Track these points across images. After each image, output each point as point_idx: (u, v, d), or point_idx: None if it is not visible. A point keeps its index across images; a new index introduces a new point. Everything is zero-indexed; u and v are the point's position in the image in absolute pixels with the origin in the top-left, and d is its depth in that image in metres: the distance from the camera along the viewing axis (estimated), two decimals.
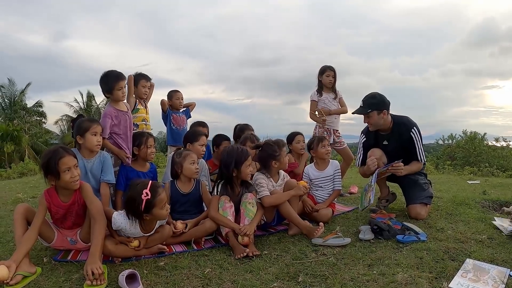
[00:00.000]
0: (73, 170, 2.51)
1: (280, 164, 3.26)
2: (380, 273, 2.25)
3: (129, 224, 2.60)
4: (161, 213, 2.59)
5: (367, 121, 3.62)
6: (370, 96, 3.57)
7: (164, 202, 2.59)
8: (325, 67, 4.80)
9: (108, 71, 3.48)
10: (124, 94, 3.51)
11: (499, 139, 20.02)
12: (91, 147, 3.06)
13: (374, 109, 3.49)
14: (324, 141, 3.84)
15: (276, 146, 3.27)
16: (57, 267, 2.52)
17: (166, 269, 2.42)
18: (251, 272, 2.34)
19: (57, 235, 2.70)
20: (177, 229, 2.90)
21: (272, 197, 3.10)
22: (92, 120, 3.19)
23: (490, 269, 2.25)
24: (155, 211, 2.54)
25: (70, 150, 2.62)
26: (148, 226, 2.67)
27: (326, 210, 3.57)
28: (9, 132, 24.98)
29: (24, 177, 11.01)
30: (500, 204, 4.08)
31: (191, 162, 3.19)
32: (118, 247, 2.60)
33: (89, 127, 3.04)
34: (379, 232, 2.91)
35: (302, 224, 3.05)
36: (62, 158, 2.46)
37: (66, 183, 2.50)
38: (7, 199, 5.35)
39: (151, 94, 4.44)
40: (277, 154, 3.23)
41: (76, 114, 30.12)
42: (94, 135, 3.06)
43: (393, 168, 3.41)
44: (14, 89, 30.65)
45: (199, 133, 3.81)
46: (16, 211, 2.55)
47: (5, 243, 3.12)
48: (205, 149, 3.78)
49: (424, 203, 3.45)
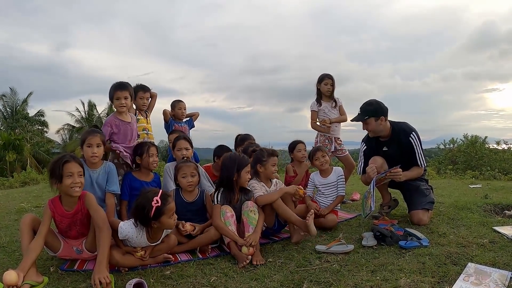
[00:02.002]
0: (76, 176, 2.57)
1: (264, 170, 3.35)
2: (383, 278, 2.28)
3: (136, 233, 2.63)
4: (169, 222, 2.63)
5: (365, 128, 3.67)
6: (367, 103, 3.63)
7: (172, 211, 2.64)
8: (323, 76, 4.83)
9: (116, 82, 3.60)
10: (122, 104, 3.50)
11: (500, 142, 19.96)
12: (86, 158, 3.13)
13: (371, 116, 3.55)
14: (316, 154, 3.89)
15: (265, 152, 3.40)
16: (63, 277, 2.55)
17: (172, 278, 2.45)
18: (256, 280, 2.37)
19: (63, 244, 2.73)
20: (184, 228, 2.95)
21: (265, 196, 3.19)
22: (90, 132, 3.23)
23: (492, 273, 2.28)
24: (164, 219, 2.58)
25: (78, 159, 2.69)
26: (154, 235, 2.70)
27: (332, 215, 3.61)
28: (11, 141, 25.01)
29: (26, 186, 11.05)
30: (502, 208, 4.10)
31: (182, 176, 3.25)
32: (124, 257, 2.63)
33: (84, 139, 3.13)
34: (382, 239, 2.93)
35: (296, 219, 3.11)
36: (66, 163, 2.56)
37: (67, 187, 2.56)
38: (10, 208, 5.38)
39: (154, 103, 4.47)
40: (263, 160, 3.34)
41: (77, 123, 30.20)
42: (89, 147, 3.10)
43: (392, 174, 3.44)
44: (16, 98, 30.78)
45: (177, 138, 3.78)
46: (22, 221, 2.59)
47: (11, 252, 3.15)
48: (185, 153, 3.65)
49: (426, 208, 3.47)
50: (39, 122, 31.97)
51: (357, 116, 3.66)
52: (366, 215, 3.48)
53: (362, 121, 3.62)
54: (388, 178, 3.56)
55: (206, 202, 3.32)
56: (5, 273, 2.23)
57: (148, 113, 4.36)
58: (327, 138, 4.80)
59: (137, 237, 2.64)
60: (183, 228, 2.95)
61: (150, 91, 4.32)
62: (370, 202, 3.32)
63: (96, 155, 3.12)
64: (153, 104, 4.49)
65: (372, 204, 3.30)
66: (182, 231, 2.96)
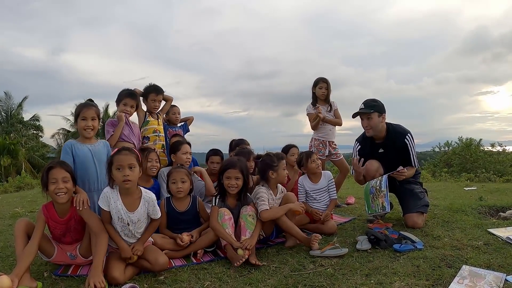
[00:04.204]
0: (60, 182, 2.54)
1: (277, 176, 3.28)
2: (377, 282, 2.27)
3: (111, 192, 2.62)
4: (115, 175, 2.54)
5: (367, 123, 3.64)
6: (371, 99, 3.67)
7: (120, 163, 2.53)
8: (318, 79, 4.82)
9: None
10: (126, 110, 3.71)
11: (495, 144, 20.09)
12: (80, 131, 3.05)
13: (376, 111, 3.58)
14: (312, 156, 3.81)
15: (275, 157, 3.32)
16: (57, 282, 2.53)
17: (166, 283, 2.43)
18: (250, 285, 2.36)
19: (57, 250, 2.72)
20: (183, 242, 2.93)
21: (270, 211, 3.11)
22: (85, 104, 3.11)
23: (486, 275, 2.28)
24: (113, 170, 2.55)
25: (64, 164, 2.64)
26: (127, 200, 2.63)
27: (332, 222, 3.61)
28: (5, 146, 24.92)
29: (21, 191, 10.99)
30: (497, 210, 4.13)
31: (172, 181, 3.18)
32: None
33: (79, 112, 3.03)
34: (376, 242, 2.93)
35: (301, 236, 3.08)
36: (51, 170, 2.55)
37: (51, 193, 2.55)
38: (5, 213, 5.35)
39: (167, 108, 4.41)
40: (275, 165, 3.26)
41: (73, 128, 30.09)
42: (83, 120, 3.01)
43: (398, 173, 3.49)
44: (11, 102, 30.72)
45: (181, 142, 3.83)
46: (16, 226, 2.57)
47: (5, 257, 3.13)
48: (189, 157, 3.75)
49: (420, 212, 3.49)
50: (34, 126, 31.88)
51: (362, 109, 3.65)
52: (375, 213, 3.47)
53: (367, 113, 3.61)
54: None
55: (199, 209, 3.27)
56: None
57: (160, 115, 4.27)
58: (321, 142, 4.79)
59: (115, 203, 2.60)
60: (182, 242, 2.93)
61: (163, 93, 4.22)
62: (383, 202, 3.31)
63: (91, 128, 3.03)
64: (167, 108, 4.41)
65: (387, 204, 3.30)
66: (182, 245, 2.94)
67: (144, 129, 4.05)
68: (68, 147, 3.00)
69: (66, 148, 3.01)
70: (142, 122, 4.07)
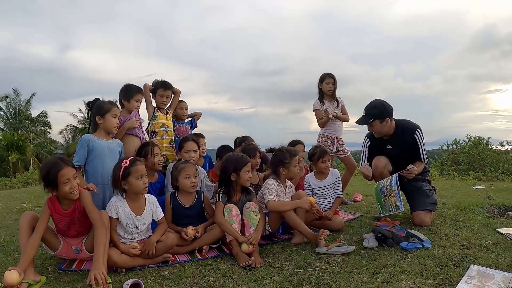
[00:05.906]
0: (72, 181, 2.55)
1: (288, 172, 3.27)
2: (384, 280, 2.24)
3: (121, 203, 2.75)
4: (137, 183, 2.72)
5: (370, 130, 3.66)
6: (371, 106, 3.59)
7: (140, 173, 2.72)
8: (324, 75, 4.79)
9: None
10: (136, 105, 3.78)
11: (503, 143, 19.89)
12: (109, 127, 3.22)
13: (376, 119, 3.52)
14: (325, 157, 3.75)
15: (288, 153, 3.29)
16: (61, 276, 2.54)
17: (170, 279, 2.43)
18: (254, 281, 2.34)
19: (62, 243, 2.73)
20: (188, 235, 2.93)
21: (277, 202, 3.09)
22: (112, 102, 3.33)
23: (495, 275, 2.24)
24: (131, 180, 2.70)
25: (68, 161, 2.65)
26: (134, 204, 2.78)
27: (339, 218, 3.58)
28: (14, 142, 25.15)
29: (28, 186, 11.09)
30: (505, 209, 4.07)
31: (185, 176, 3.14)
32: (122, 257, 2.63)
33: (109, 109, 3.22)
34: (383, 240, 2.90)
35: (308, 232, 3.05)
36: (61, 171, 2.51)
37: (65, 193, 2.55)
38: (12, 208, 5.40)
39: (176, 101, 4.36)
40: (287, 162, 3.25)
41: (80, 124, 30.30)
42: (114, 117, 3.23)
43: (408, 172, 3.43)
44: (19, 99, 30.96)
45: (186, 140, 3.81)
46: (22, 219, 2.58)
47: (10, 252, 3.15)
48: (193, 155, 3.71)
49: (428, 209, 3.45)
50: (42, 123, 32.13)
51: (361, 118, 3.63)
52: (389, 213, 3.42)
53: (366, 124, 3.59)
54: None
55: (204, 204, 3.26)
56: (7, 272, 2.24)
57: (169, 110, 4.26)
58: (329, 138, 4.76)
59: (123, 210, 2.73)
60: (186, 236, 2.93)
61: (172, 88, 4.20)
62: (396, 201, 3.27)
63: (117, 126, 3.31)
64: (175, 103, 4.36)
65: (400, 203, 3.25)
66: (187, 239, 2.94)
67: (152, 123, 4.05)
68: (85, 141, 3.16)
69: (83, 142, 3.18)
70: (151, 117, 4.07)
